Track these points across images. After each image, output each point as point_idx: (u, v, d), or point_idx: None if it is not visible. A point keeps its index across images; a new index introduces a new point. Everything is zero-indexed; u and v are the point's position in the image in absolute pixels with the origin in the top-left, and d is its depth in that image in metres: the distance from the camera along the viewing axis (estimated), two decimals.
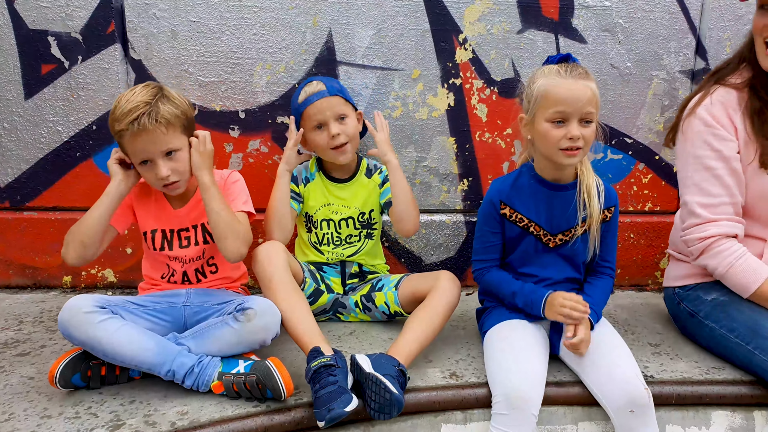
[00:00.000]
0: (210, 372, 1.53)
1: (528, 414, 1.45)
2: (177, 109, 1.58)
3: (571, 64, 1.60)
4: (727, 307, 1.71)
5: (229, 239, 1.60)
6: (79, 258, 1.61)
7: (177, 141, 1.59)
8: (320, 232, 1.97)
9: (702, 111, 1.69)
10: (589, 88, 1.55)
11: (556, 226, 1.68)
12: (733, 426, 1.62)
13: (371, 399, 1.44)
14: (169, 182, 1.60)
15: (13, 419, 1.43)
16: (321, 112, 1.84)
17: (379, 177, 1.98)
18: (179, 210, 1.73)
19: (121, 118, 1.53)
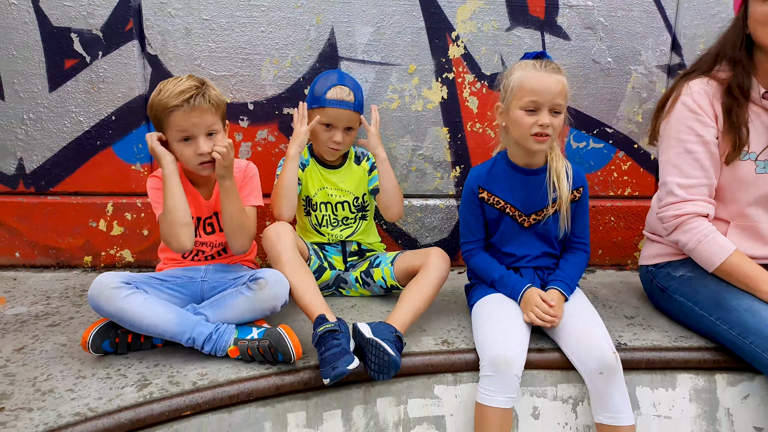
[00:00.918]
0: (226, 338, 1.70)
1: (511, 375, 1.63)
2: (221, 97, 1.76)
3: (545, 60, 1.77)
4: (693, 282, 1.89)
5: (238, 237, 1.78)
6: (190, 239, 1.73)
7: (218, 125, 1.74)
8: (319, 214, 2.14)
9: (685, 98, 1.79)
10: (560, 81, 1.72)
11: (530, 207, 1.85)
12: (696, 387, 1.80)
13: (371, 361, 1.61)
14: (207, 160, 1.73)
15: (52, 379, 1.60)
16: (337, 118, 2.00)
17: (367, 164, 2.15)
18: (209, 201, 1.89)
19: (175, 97, 1.66)
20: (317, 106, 2.04)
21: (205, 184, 1.88)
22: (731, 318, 1.74)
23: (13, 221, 2.38)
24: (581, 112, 2.37)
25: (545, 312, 1.73)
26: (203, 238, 1.90)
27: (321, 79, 2.08)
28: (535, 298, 1.75)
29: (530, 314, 1.74)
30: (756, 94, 1.76)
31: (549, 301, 1.74)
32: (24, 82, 2.26)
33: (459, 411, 1.73)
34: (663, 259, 2.01)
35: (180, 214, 1.72)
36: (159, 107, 1.71)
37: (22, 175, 2.35)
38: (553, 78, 1.72)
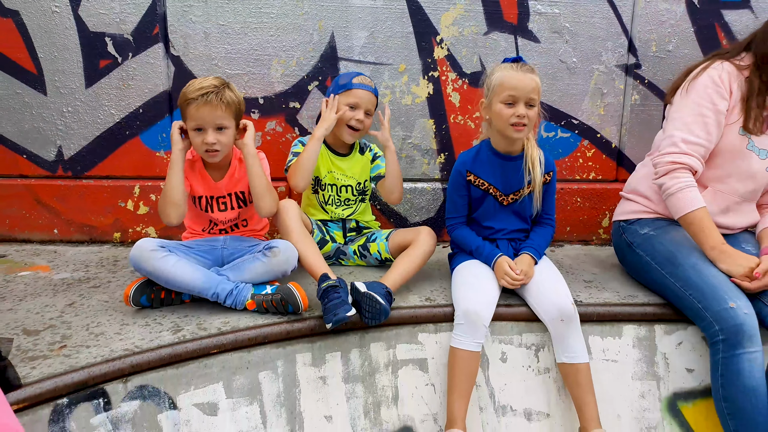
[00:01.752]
0: (245, 294, 2.04)
1: (480, 324, 1.96)
2: (236, 98, 2.04)
3: (521, 63, 2.10)
4: (653, 240, 2.21)
5: (267, 198, 2.09)
6: (179, 216, 2.04)
7: (227, 121, 2.04)
8: (326, 193, 2.46)
9: (713, 72, 2.09)
10: (533, 80, 2.05)
11: (509, 188, 2.19)
12: (638, 336, 2.14)
13: (366, 310, 1.95)
14: (212, 149, 2.03)
15: (101, 326, 1.94)
16: (362, 98, 2.31)
17: (370, 154, 2.48)
18: (219, 182, 2.21)
19: (194, 91, 1.97)
20: (343, 91, 2.32)
21: (217, 168, 2.17)
22: (678, 273, 2.07)
23: (53, 202, 2.71)
24: (550, 105, 2.71)
25: (513, 278, 2.06)
26: (216, 214, 2.21)
27: (343, 75, 2.40)
28: (504, 267, 2.08)
29: (502, 281, 2.08)
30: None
31: (515, 269, 2.08)
32: (64, 79, 2.59)
33: (438, 354, 2.06)
34: (634, 215, 2.32)
35: (173, 194, 2.03)
36: (182, 98, 2.04)
37: (61, 161, 2.68)
38: (528, 77, 2.05)
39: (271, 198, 2.11)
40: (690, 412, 2.09)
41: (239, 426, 1.85)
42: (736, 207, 2.18)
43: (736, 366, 1.87)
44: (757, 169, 2.12)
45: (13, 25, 2.51)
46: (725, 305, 1.90)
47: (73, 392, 1.64)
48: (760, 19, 2.64)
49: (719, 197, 2.16)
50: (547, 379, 2.09)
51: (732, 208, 2.18)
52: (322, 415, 1.96)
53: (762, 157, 2.11)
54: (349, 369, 2.01)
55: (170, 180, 2.04)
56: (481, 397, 2.06)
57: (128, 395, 1.72)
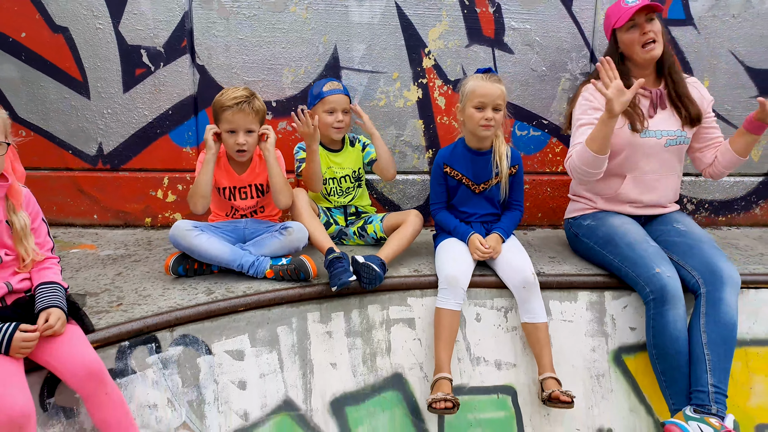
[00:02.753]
0: (265, 265, 2.46)
1: (458, 288, 2.39)
2: (262, 107, 2.48)
3: (490, 74, 2.53)
4: (594, 228, 2.66)
5: (285, 192, 2.51)
6: (204, 207, 2.47)
7: (255, 126, 2.46)
8: (328, 186, 2.88)
9: (585, 93, 2.60)
10: (499, 88, 2.48)
11: (480, 178, 2.62)
12: (591, 301, 2.57)
13: (364, 276, 2.38)
14: (242, 149, 2.46)
15: (147, 290, 2.36)
16: (336, 102, 2.74)
17: (359, 145, 2.91)
18: (241, 175, 2.62)
19: (230, 100, 2.39)
20: (319, 101, 2.76)
21: (240, 163, 2.58)
22: (616, 251, 2.51)
23: (93, 191, 3.13)
24: (523, 107, 3.14)
25: (482, 252, 2.49)
26: (238, 202, 2.64)
27: (314, 85, 2.84)
28: (475, 243, 2.52)
29: (474, 254, 2.51)
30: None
31: (485, 244, 2.51)
32: (105, 85, 3.01)
33: (424, 315, 2.49)
34: (578, 213, 2.78)
35: (202, 188, 2.44)
36: (218, 105, 2.47)
37: (101, 156, 3.10)
38: (495, 86, 2.48)
39: (288, 192, 2.54)
40: (631, 363, 2.53)
41: (261, 369, 2.28)
42: (656, 183, 2.64)
43: (663, 319, 2.31)
44: (657, 148, 2.58)
45: (63, 39, 2.93)
46: (653, 271, 2.35)
47: (132, 338, 2.07)
48: (702, 35, 3.08)
49: (638, 181, 2.63)
50: (514, 336, 2.52)
51: (652, 185, 2.64)
52: (328, 362, 2.39)
53: (658, 137, 2.57)
54: (351, 326, 2.45)
55: (202, 177, 2.46)
56: (459, 350, 2.49)
57: (174, 342, 2.15)
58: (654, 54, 2.51)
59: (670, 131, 2.58)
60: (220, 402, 2.18)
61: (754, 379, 2.53)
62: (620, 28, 2.54)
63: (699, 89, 2.69)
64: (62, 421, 1.88)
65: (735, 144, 2.57)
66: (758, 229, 3.34)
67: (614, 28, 2.56)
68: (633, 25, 2.51)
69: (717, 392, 2.22)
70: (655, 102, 2.59)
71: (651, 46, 2.50)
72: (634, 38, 2.51)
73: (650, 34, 2.48)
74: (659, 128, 2.58)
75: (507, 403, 2.46)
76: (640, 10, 2.47)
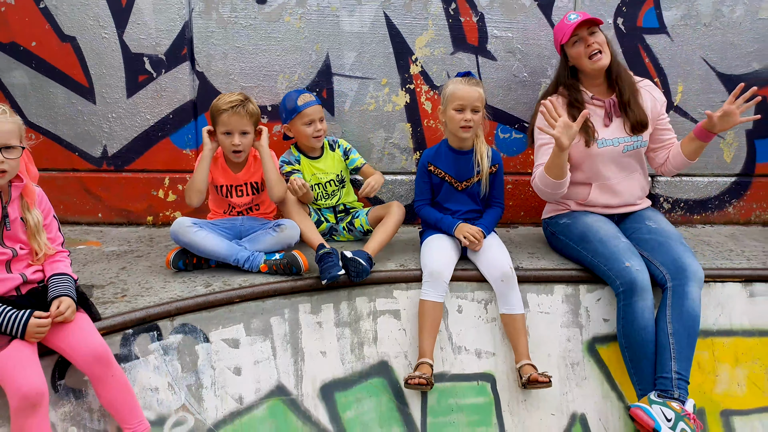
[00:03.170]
0: (259, 259, 2.63)
1: (441, 281, 2.56)
2: (256, 110, 2.66)
3: (469, 77, 2.70)
4: (569, 226, 2.82)
5: (279, 186, 2.68)
6: (199, 200, 2.64)
7: (249, 127, 2.64)
8: (315, 192, 3.03)
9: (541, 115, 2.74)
10: (478, 91, 2.65)
11: (462, 176, 2.78)
12: (566, 293, 2.73)
13: (352, 270, 2.55)
14: (237, 149, 2.64)
15: (149, 282, 2.53)
16: (313, 114, 2.88)
17: (340, 150, 3.06)
18: (238, 174, 2.79)
19: (226, 104, 2.57)
20: (296, 115, 2.89)
21: (236, 163, 2.75)
22: (589, 247, 2.68)
23: (98, 191, 3.30)
24: (506, 111, 3.30)
25: (473, 235, 2.64)
26: (235, 199, 2.80)
27: (286, 99, 2.94)
28: (464, 228, 2.68)
29: (464, 240, 2.66)
30: (587, 97, 2.71)
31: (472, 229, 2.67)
32: (110, 91, 3.18)
33: (409, 306, 2.66)
34: (555, 212, 2.95)
35: (198, 183, 2.62)
36: (214, 108, 2.64)
37: (105, 157, 3.27)
38: (473, 89, 2.65)
39: (282, 185, 2.71)
40: (604, 352, 2.69)
41: (255, 357, 2.45)
42: (620, 186, 2.80)
43: (631, 310, 2.48)
44: (616, 155, 2.75)
45: (71, 48, 3.10)
46: (623, 265, 2.51)
47: (136, 326, 2.24)
48: (675, 42, 3.24)
49: (604, 187, 2.80)
50: (493, 326, 2.68)
51: (617, 189, 2.80)
52: (318, 350, 2.56)
53: (615, 144, 2.74)
54: (340, 316, 2.61)
55: (198, 172, 2.64)
56: (441, 339, 2.65)
57: (174, 330, 2.32)
58: (601, 64, 2.67)
59: (626, 138, 2.74)
60: (216, 386, 2.35)
61: (720, 368, 2.69)
62: (567, 44, 2.71)
63: (651, 92, 2.84)
64: (72, 401, 2.05)
65: (685, 148, 2.73)
66: (731, 227, 3.50)
67: (562, 45, 2.74)
68: (577, 40, 2.68)
69: (680, 378, 2.38)
70: (609, 111, 2.74)
71: (597, 56, 2.66)
72: (580, 51, 2.68)
73: (594, 46, 2.65)
74: (615, 136, 2.74)
75: (486, 390, 2.62)
76: (581, 25, 2.64)
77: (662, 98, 2.87)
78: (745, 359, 2.70)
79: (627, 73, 2.80)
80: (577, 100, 2.71)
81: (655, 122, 2.81)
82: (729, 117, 2.54)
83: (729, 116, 2.54)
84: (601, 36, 2.70)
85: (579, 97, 2.70)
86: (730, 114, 2.53)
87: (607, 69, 2.72)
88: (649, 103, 2.80)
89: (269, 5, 3.11)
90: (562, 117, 2.49)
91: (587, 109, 2.60)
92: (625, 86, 2.74)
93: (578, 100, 2.70)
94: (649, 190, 3.18)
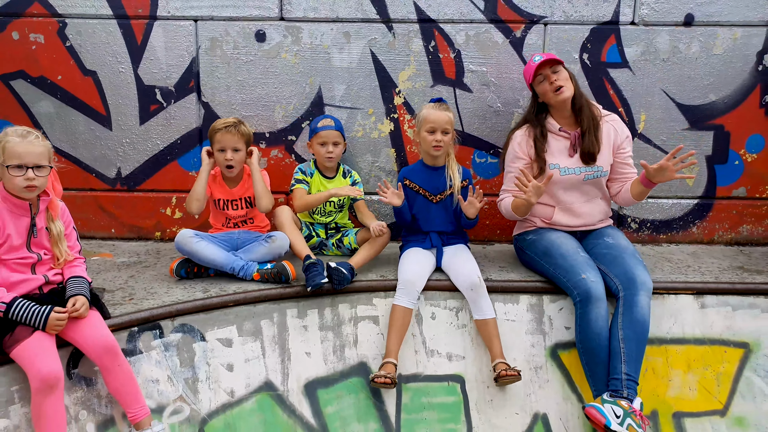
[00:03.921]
0: (252, 269, 2.93)
1: (413, 290, 2.85)
2: (247, 131, 3.02)
3: (440, 103, 3.03)
4: (535, 242, 3.10)
5: (265, 198, 3.01)
6: (199, 208, 2.98)
7: (240, 145, 2.99)
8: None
9: (513, 143, 3.09)
10: (447, 115, 2.97)
11: (435, 190, 3.08)
12: (531, 303, 2.99)
13: (335, 278, 2.84)
14: (230, 164, 2.98)
15: (154, 288, 2.85)
16: (327, 137, 3.22)
17: (350, 180, 3.38)
18: (233, 189, 3.14)
19: (221, 124, 2.95)
20: (314, 134, 3.25)
21: (232, 180, 3.10)
22: (551, 261, 2.96)
23: (112, 208, 3.65)
24: (481, 138, 3.62)
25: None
26: (230, 211, 3.12)
27: (313, 120, 3.34)
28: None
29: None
30: (554, 128, 3.02)
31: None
32: (125, 119, 3.55)
33: (387, 313, 2.93)
34: (523, 229, 3.23)
35: (196, 192, 2.97)
36: (211, 130, 3.02)
37: (119, 178, 3.63)
38: (443, 113, 2.98)
39: (268, 198, 3.04)
40: (565, 357, 2.94)
41: (246, 355, 2.74)
42: (581, 209, 3.09)
43: (587, 317, 2.74)
44: (577, 182, 3.03)
45: (92, 81, 3.49)
46: (579, 277, 2.78)
47: (140, 324, 2.55)
48: (637, 76, 3.55)
49: (566, 209, 3.10)
50: (464, 332, 2.95)
51: (579, 211, 3.09)
52: (303, 351, 2.84)
53: (577, 173, 3.03)
54: (323, 321, 2.90)
55: (197, 184, 3.00)
56: (416, 343, 2.92)
57: (174, 329, 2.62)
58: (564, 96, 2.96)
59: (587, 167, 3.03)
60: (211, 380, 2.64)
61: (673, 373, 2.92)
62: (534, 82, 3.03)
63: (615, 126, 3.11)
64: (84, 388, 2.35)
65: (633, 189, 2.99)
66: (695, 246, 3.75)
67: (530, 84, 3.06)
68: (543, 78, 2.99)
69: (629, 380, 2.63)
70: (573, 143, 3.03)
71: (560, 90, 2.95)
72: (545, 87, 2.99)
73: (557, 82, 2.95)
74: (577, 165, 3.03)
75: (456, 390, 2.88)
76: (544, 64, 2.95)
77: (626, 132, 3.11)
78: (697, 366, 2.93)
79: (589, 106, 3.07)
80: (542, 134, 3.02)
81: (615, 155, 3.09)
82: (665, 171, 2.77)
83: (665, 170, 2.77)
84: (564, 73, 3.00)
85: (540, 132, 3.02)
86: (666, 169, 2.76)
87: (572, 102, 3.02)
88: (611, 137, 3.06)
89: (268, 43, 3.48)
90: (532, 182, 2.79)
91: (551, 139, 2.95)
92: (584, 118, 3.02)
93: (539, 135, 3.02)
94: (617, 211, 3.46)
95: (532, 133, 3.07)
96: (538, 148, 3.01)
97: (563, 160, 3.03)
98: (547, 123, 3.07)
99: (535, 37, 3.50)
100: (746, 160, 3.67)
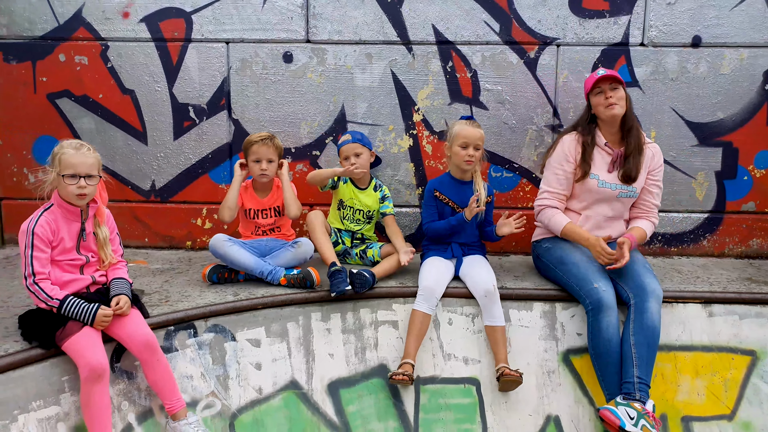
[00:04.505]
0: (280, 274, 3.11)
1: (432, 297, 3.00)
2: (280, 144, 3.24)
3: (471, 120, 3.20)
4: (550, 250, 3.24)
5: (293, 206, 3.20)
6: (231, 216, 3.18)
7: (274, 156, 3.19)
8: (346, 211, 3.48)
9: (561, 146, 3.20)
10: (479, 132, 3.14)
11: (463, 203, 3.23)
12: (544, 310, 3.12)
13: (357, 282, 3.00)
14: (264, 173, 3.18)
15: (188, 292, 3.03)
16: (347, 151, 3.40)
17: (380, 194, 3.53)
18: (263, 199, 3.34)
19: (258, 137, 3.16)
20: (339, 150, 3.44)
21: (263, 189, 3.30)
22: (565, 269, 3.09)
23: (146, 219, 3.87)
24: (497, 154, 3.78)
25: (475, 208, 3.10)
26: (260, 220, 3.31)
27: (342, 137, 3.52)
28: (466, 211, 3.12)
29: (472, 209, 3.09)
30: (601, 142, 3.17)
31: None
32: (160, 134, 3.78)
33: (406, 318, 3.08)
34: (540, 237, 3.37)
35: (229, 202, 3.17)
36: (247, 142, 3.23)
37: (153, 190, 3.85)
38: (476, 130, 3.15)
39: (297, 206, 3.24)
40: (577, 362, 3.06)
41: (273, 355, 2.91)
42: (606, 224, 3.20)
43: (598, 325, 2.86)
44: (611, 196, 3.15)
45: (130, 99, 3.74)
46: (592, 286, 2.92)
47: (176, 324, 2.73)
48: (647, 94, 3.71)
49: (590, 219, 3.21)
50: (479, 337, 3.09)
51: (602, 224, 3.20)
52: (327, 353, 3.00)
53: (613, 189, 3.15)
54: (346, 324, 3.06)
55: (230, 193, 3.20)
56: (434, 348, 3.07)
57: (207, 329, 2.80)
58: (614, 113, 3.07)
59: (623, 185, 3.15)
60: (240, 378, 2.80)
61: (682, 379, 3.03)
62: (591, 93, 3.17)
63: (655, 152, 3.22)
64: (125, 381, 2.53)
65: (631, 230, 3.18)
66: (705, 259, 3.86)
67: (587, 93, 3.21)
68: (600, 91, 3.12)
69: (641, 383, 2.74)
70: (615, 161, 3.17)
71: (612, 106, 3.07)
72: (599, 101, 3.12)
73: (611, 99, 3.07)
74: (614, 182, 3.15)
75: (472, 392, 3.01)
76: (604, 79, 3.10)
77: (661, 162, 3.24)
78: (705, 372, 3.03)
79: (638, 130, 3.18)
80: (588, 143, 3.16)
81: (646, 180, 3.21)
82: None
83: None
84: (621, 92, 3.11)
85: (590, 140, 3.16)
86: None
87: (622, 121, 3.14)
88: (649, 162, 3.19)
89: (295, 64, 3.70)
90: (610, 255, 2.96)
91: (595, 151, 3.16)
92: (631, 141, 3.14)
93: (589, 143, 3.16)
94: None
95: (581, 139, 3.19)
96: (586, 154, 3.15)
97: (603, 173, 3.16)
98: (595, 134, 3.21)
99: (548, 57, 3.68)
100: (755, 176, 3.79)
